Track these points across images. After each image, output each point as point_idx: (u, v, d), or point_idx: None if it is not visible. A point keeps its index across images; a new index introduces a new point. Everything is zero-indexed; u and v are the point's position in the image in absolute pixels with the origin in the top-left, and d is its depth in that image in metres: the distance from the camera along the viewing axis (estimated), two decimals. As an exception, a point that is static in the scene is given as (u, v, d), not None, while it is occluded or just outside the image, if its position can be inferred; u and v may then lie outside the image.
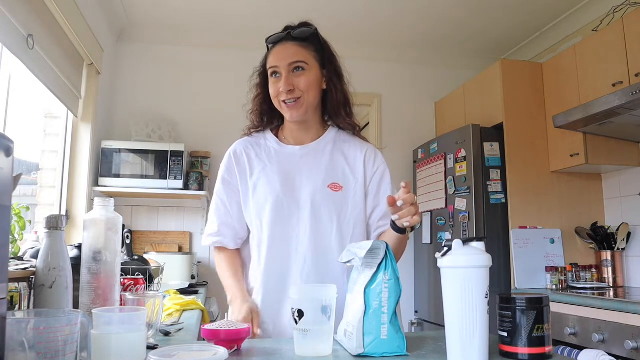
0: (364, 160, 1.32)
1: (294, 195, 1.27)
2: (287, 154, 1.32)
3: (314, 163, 1.30)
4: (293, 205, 1.26)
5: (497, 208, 2.84)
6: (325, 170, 1.29)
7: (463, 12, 3.17)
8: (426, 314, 3.28)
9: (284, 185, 1.27)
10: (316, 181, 1.27)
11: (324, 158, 1.31)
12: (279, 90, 1.26)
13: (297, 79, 1.25)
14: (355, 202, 1.28)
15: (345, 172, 1.30)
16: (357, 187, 1.29)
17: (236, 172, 1.33)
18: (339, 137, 1.36)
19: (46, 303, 0.87)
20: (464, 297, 0.80)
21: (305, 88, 1.26)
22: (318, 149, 1.33)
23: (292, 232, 1.25)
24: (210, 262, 3.30)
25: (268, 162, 1.31)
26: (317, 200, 1.25)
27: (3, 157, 0.61)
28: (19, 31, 1.94)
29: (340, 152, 1.33)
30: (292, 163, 1.31)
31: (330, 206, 1.25)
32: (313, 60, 1.29)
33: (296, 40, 1.29)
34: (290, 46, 1.28)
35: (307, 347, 0.89)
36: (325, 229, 1.25)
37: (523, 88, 2.95)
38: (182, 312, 1.70)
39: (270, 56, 1.30)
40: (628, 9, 2.58)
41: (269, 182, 1.28)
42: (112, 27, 3.24)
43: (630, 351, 1.85)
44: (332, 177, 1.29)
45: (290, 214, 1.26)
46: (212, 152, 3.36)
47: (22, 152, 2.56)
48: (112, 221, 0.98)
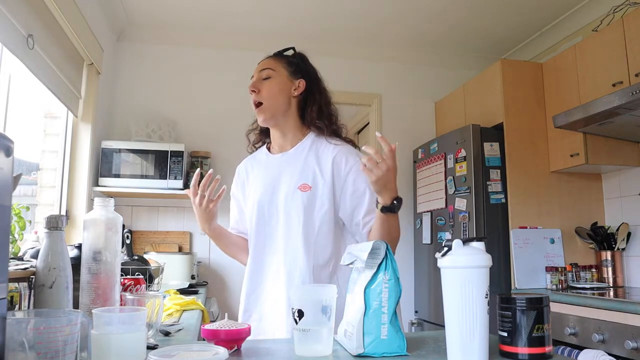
0: (333, 161, 1.37)
1: (273, 199, 1.39)
2: (271, 162, 1.46)
3: (290, 168, 1.40)
4: (272, 208, 1.39)
5: (497, 208, 2.84)
6: (298, 173, 1.38)
7: (463, 12, 3.17)
8: (426, 314, 3.28)
9: (265, 191, 1.41)
10: (289, 184, 1.37)
11: (299, 162, 1.40)
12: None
13: (262, 84, 1.40)
14: (322, 202, 1.35)
15: (315, 173, 1.37)
16: (325, 187, 1.35)
17: (239, 186, 1.54)
18: (317, 141, 1.43)
19: (46, 303, 0.87)
20: (464, 297, 0.80)
21: (268, 94, 1.39)
22: (296, 154, 1.42)
23: (270, 234, 1.39)
24: (211, 262, 3.30)
25: (258, 172, 1.47)
26: (289, 201, 1.36)
27: (3, 157, 0.61)
28: (19, 31, 1.94)
29: (314, 154, 1.40)
30: (274, 170, 1.43)
31: (298, 206, 1.34)
32: (282, 69, 1.43)
33: (272, 56, 1.47)
34: (266, 60, 1.46)
35: (307, 347, 0.89)
36: (293, 227, 1.35)
37: (523, 88, 2.95)
38: (182, 312, 1.70)
39: None
40: (628, 9, 2.58)
41: (257, 188, 1.44)
42: (112, 27, 3.24)
43: (630, 351, 1.85)
44: (303, 178, 1.37)
45: (270, 216, 1.39)
46: (212, 152, 3.36)
47: (22, 152, 2.56)
48: (112, 221, 0.98)
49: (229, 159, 3.44)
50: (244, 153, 1.41)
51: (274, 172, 1.42)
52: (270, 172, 1.43)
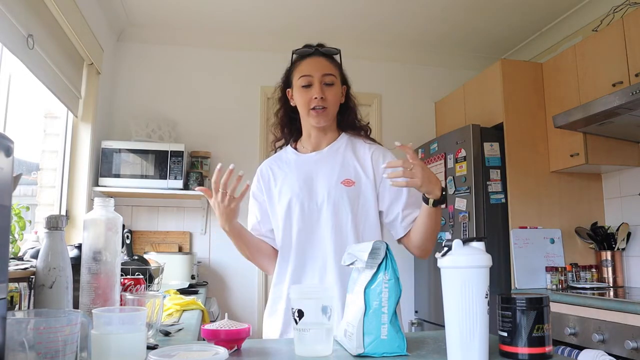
0: (371, 159, 1.43)
1: (312, 195, 1.39)
2: (304, 160, 1.46)
3: (328, 164, 1.43)
4: (312, 203, 1.39)
5: (497, 208, 2.84)
6: (338, 169, 1.41)
7: (463, 12, 3.17)
8: (426, 314, 3.28)
9: (303, 187, 1.40)
10: (330, 179, 1.39)
11: (337, 159, 1.43)
12: (311, 98, 1.39)
13: (328, 90, 1.40)
14: (365, 197, 1.39)
15: (357, 169, 1.41)
16: (368, 182, 1.40)
17: (262, 186, 1.48)
18: (350, 140, 1.48)
19: (46, 303, 0.87)
20: (464, 297, 0.80)
21: (334, 101, 1.41)
22: (331, 153, 1.45)
23: (314, 227, 1.38)
24: (211, 262, 3.30)
25: (288, 171, 1.46)
26: (333, 195, 1.37)
27: (3, 157, 0.61)
28: (19, 31, 1.94)
29: (352, 152, 1.45)
30: (308, 167, 1.44)
31: (344, 200, 1.36)
32: (338, 76, 1.44)
33: (325, 56, 1.44)
34: (322, 60, 1.43)
35: (307, 347, 0.89)
36: (342, 222, 1.36)
37: (523, 88, 2.95)
38: (182, 312, 1.70)
39: (301, 66, 1.43)
40: (628, 9, 2.58)
41: (290, 187, 1.42)
42: (112, 27, 3.24)
43: (630, 351, 1.85)
44: (344, 174, 1.40)
45: (311, 211, 1.38)
46: (212, 152, 3.36)
47: (22, 152, 2.56)
48: (112, 221, 0.98)
49: (229, 159, 3.43)
50: (244, 153, 1.43)
51: (309, 169, 1.43)
52: (304, 170, 1.43)
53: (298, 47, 1.47)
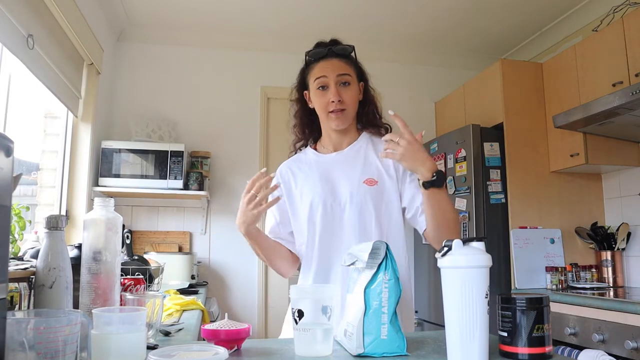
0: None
1: (335, 194, 1.38)
2: (325, 161, 1.44)
3: (350, 164, 1.41)
4: (335, 203, 1.37)
5: (497, 208, 2.84)
6: (360, 169, 1.40)
7: (463, 12, 3.17)
8: (426, 314, 3.28)
9: (325, 187, 1.39)
10: (353, 179, 1.38)
11: (358, 158, 1.42)
12: (328, 101, 1.37)
13: (344, 92, 1.37)
14: (389, 195, 1.37)
15: (379, 168, 1.40)
16: (390, 181, 1.38)
17: (282, 188, 1.44)
18: (371, 139, 1.47)
19: (46, 303, 0.87)
20: (464, 297, 0.80)
21: (351, 101, 1.39)
22: (352, 153, 1.44)
23: (337, 227, 1.36)
24: (211, 262, 3.30)
25: (309, 172, 1.44)
26: (356, 195, 1.36)
27: (3, 157, 0.61)
28: (19, 31, 1.94)
29: (373, 152, 1.43)
30: (330, 167, 1.42)
31: (367, 199, 1.35)
32: (354, 74, 1.41)
33: (339, 56, 1.41)
34: (336, 61, 1.40)
35: (307, 347, 0.89)
36: (366, 221, 1.35)
37: (523, 88, 2.95)
38: (182, 312, 1.70)
39: (316, 68, 1.41)
40: (628, 9, 2.58)
41: (311, 187, 1.40)
42: (112, 27, 3.24)
43: (630, 351, 1.85)
44: (367, 173, 1.38)
45: (334, 212, 1.37)
46: (212, 152, 3.36)
47: (22, 152, 2.56)
48: (112, 221, 0.97)
49: (229, 159, 3.45)
50: (244, 153, 1.42)
51: (331, 169, 1.41)
52: (325, 170, 1.41)
53: (307, 48, 1.44)
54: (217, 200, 3.38)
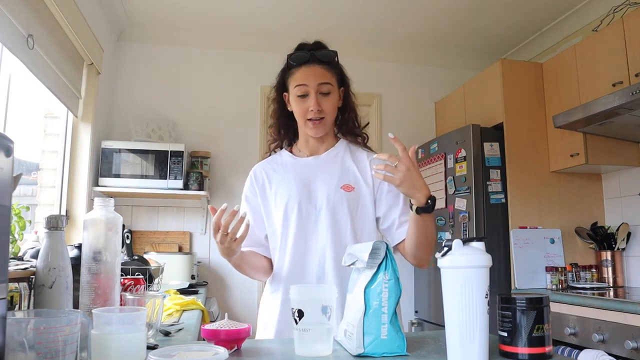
0: (370, 164, 1.40)
1: (311, 199, 1.37)
2: (302, 164, 1.43)
3: (327, 169, 1.40)
4: (310, 207, 1.36)
5: (497, 208, 2.84)
6: (338, 174, 1.39)
7: (463, 12, 3.17)
8: (426, 314, 3.28)
9: (301, 191, 1.37)
10: (330, 184, 1.37)
11: (336, 164, 1.41)
12: (307, 109, 1.36)
13: (324, 101, 1.36)
14: (364, 202, 1.37)
15: (356, 175, 1.39)
16: (367, 189, 1.38)
17: (256, 189, 1.44)
18: (349, 146, 1.46)
19: (46, 303, 0.87)
20: (464, 297, 0.80)
21: (330, 110, 1.38)
22: (329, 158, 1.43)
23: (311, 231, 1.35)
24: (211, 262, 3.30)
25: (285, 174, 1.42)
26: (332, 200, 1.35)
27: (3, 157, 0.61)
28: (19, 31, 1.94)
29: (350, 158, 1.43)
30: (306, 171, 1.41)
31: (344, 205, 1.35)
32: (335, 82, 1.39)
33: (321, 62, 1.38)
34: (318, 68, 1.37)
35: (307, 347, 0.89)
36: (341, 226, 1.34)
37: (523, 88, 2.95)
38: (182, 312, 1.70)
39: (297, 75, 1.38)
40: (628, 9, 2.58)
41: (287, 190, 1.39)
42: (112, 27, 3.24)
43: (630, 351, 1.85)
44: (344, 179, 1.38)
45: (309, 215, 1.36)
46: (212, 152, 3.36)
47: (22, 152, 2.56)
48: (112, 221, 0.97)
49: (229, 159, 3.45)
50: (244, 153, 1.42)
51: (307, 173, 1.40)
52: (302, 174, 1.40)
53: (295, 49, 1.41)
54: (217, 200, 3.38)
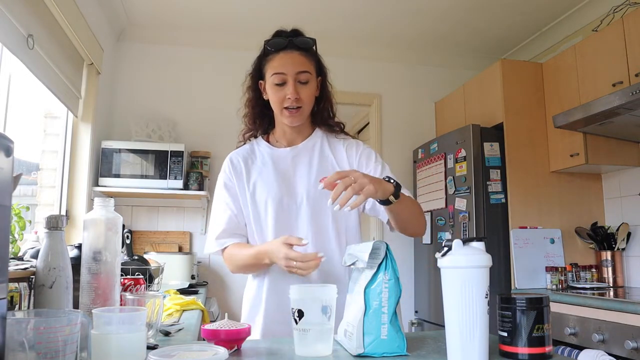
0: (346, 153, 1.40)
1: (291, 193, 1.34)
2: (279, 155, 1.40)
3: (305, 161, 1.38)
4: (291, 201, 1.34)
5: (497, 208, 2.84)
6: (316, 167, 1.37)
7: (463, 12, 3.17)
8: (426, 314, 3.28)
9: (281, 185, 1.35)
10: (309, 177, 1.35)
11: (314, 156, 1.39)
12: (284, 97, 1.31)
13: (302, 90, 1.32)
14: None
15: (334, 165, 1.38)
16: None
17: (234, 178, 1.40)
18: (325, 135, 1.45)
19: (46, 303, 0.87)
20: (464, 297, 0.80)
21: (308, 100, 1.34)
22: (307, 148, 1.41)
23: (292, 227, 1.32)
24: (211, 262, 3.30)
25: (263, 166, 1.39)
26: (312, 195, 1.33)
27: (3, 157, 0.61)
28: (19, 31, 1.94)
29: (328, 148, 1.42)
30: (285, 163, 1.39)
31: (324, 199, 1.30)
32: (313, 71, 1.36)
33: (300, 49, 1.34)
34: (296, 55, 1.33)
35: (307, 347, 0.89)
36: (322, 221, 1.32)
37: (523, 88, 2.95)
38: (182, 312, 1.70)
39: (274, 62, 1.34)
40: (628, 9, 2.58)
41: (266, 184, 1.36)
42: (112, 27, 3.24)
43: (630, 351, 1.85)
44: (323, 172, 1.35)
45: (289, 210, 1.33)
46: (212, 152, 3.36)
47: (22, 152, 2.56)
48: (112, 221, 0.97)
49: (229, 159, 3.44)
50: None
51: (285, 165, 1.38)
52: (280, 166, 1.38)
53: (272, 35, 1.37)
54: (217, 200, 3.38)
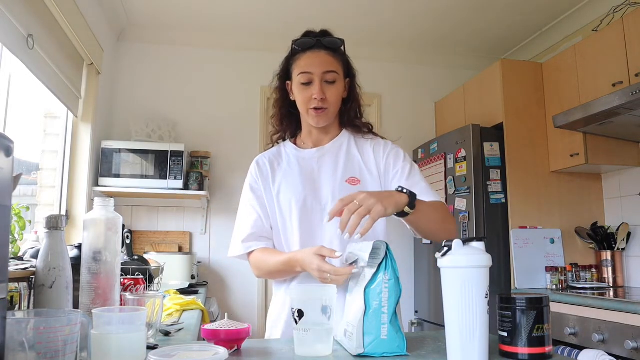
0: (374, 153, 1.37)
1: (316, 194, 1.32)
2: (305, 157, 1.39)
3: (331, 162, 1.36)
4: (316, 202, 1.31)
5: (497, 208, 2.84)
6: (342, 167, 1.34)
7: (463, 12, 3.17)
8: (426, 314, 3.28)
9: (306, 186, 1.33)
10: (335, 178, 1.33)
11: (340, 156, 1.37)
12: (310, 97, 1.30)
13: (328, 90, 1.30)
14: None
15: (361, 166, 1.35)
16: (373, 180, 1.33)
17: (260, 180, 1.38)
18: (352, 136, 1.42)
19: (46, 303, 0.87)
20: (464, 297, 0.80)
21: (334, 100, 1.32)
22: (334, 149, 1.38)
23: (317, 228, 1.30)
24: (211, 262, 3.30)
25: (288, 168, 1.38)
26: (337, 195, 1.28)
27: (3, 157, 0.61)
28: (19, 31, 1.94)
29: (355, 149, 1.39)
30: (310, 164, 1.37)
31: None
32: (341, 71, 1.34)
33: (328, 49, 1.33)
34: (323, 55, 1.32)
35: (307, 347, 0.89)
36: None
37: (523, 88, 2.95)
38: (182, 312, 1.70)
39: (301, 61, 1.33)
40: (628, 9, 2.58)
41: (291, 185, 1.34)
42: (112, 27, 3.24)
43: (630, 351, 1.85)
44: (349, 172, 1.33)
45: (314, 211, 1.30)
46: (212, 152, 3.36)
47: (22, 152, 2.56)
48: (112, 221, 0.97)
49: (229, 159, 3.44)
50: (244, 153, 1.41)
51: (311, 166, 1.36)
52: (306, 167, 1.36)
53: (301, 35, 1.37)
54: (217, 200, 3.38)
